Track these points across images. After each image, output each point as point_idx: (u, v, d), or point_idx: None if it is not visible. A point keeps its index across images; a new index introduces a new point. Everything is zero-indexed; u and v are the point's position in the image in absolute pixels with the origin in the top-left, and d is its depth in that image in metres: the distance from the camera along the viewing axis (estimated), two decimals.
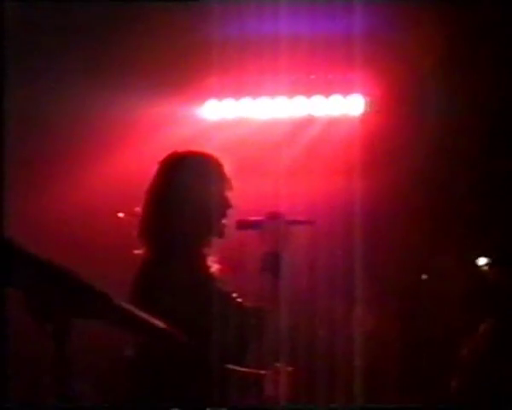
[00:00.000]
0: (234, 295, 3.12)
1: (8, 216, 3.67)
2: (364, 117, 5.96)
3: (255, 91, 6.09)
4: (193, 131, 5.96)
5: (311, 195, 5.90)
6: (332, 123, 6.02)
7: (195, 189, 3.09)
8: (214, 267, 3.14)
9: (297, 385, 3.15)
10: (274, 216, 3.21)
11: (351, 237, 5.83)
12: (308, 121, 6.04)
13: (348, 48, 5.73)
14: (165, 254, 3.05)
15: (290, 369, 3.14)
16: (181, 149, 3.24)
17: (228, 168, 3.20)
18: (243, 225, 3.22)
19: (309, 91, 6.00)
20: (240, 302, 3.11)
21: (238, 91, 6.11)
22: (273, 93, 6.05)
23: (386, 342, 6.05)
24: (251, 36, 5.80)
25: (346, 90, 5.97)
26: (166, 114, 5.96)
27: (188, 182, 3.09)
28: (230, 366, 3.02)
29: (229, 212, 3.16)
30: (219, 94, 6.13)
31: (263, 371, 3.09)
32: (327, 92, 5.99)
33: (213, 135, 6.05)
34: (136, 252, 3.10)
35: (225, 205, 3.16)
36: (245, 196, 5.34)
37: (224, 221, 3.14)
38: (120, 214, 5.30)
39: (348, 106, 5.99)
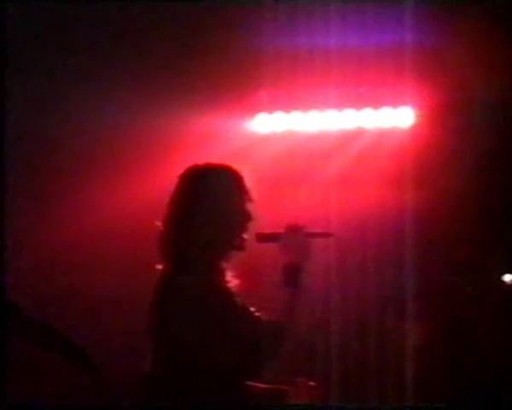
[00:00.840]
0: (252, 309, 3.06)
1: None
2: (414, 129, 5.95)
3: (305, 104, 6.10)
4: (243, 144, 6.00)
5: (361, 206, 5.92)
6: (382, 135, 6.01)
7: (215, 202, 3.05)
8: (233, 282, 3.09)
9: (320, 399, 3.12)
10: (293, 228, 3.13)
11: (401, 247, 5.83)
12: (358, 134, 6.05)
13: (398, 60, 5.75)
14: (183, 268, 3.02)
15: (313, 383, 3.11)
16: (201, 162, 3.17)
17: (248, 180, 3.13)
18: (262, 237, 3.15)
19: (359, 104, 6.01)
20: (258, 317, 3.05)
21: (288, 105, 6.13)
22: (323, 106, 6.06)
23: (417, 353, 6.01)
24: (301, 49, 5.85)
25: (395, 103, 5.96)
26: (217, 127, 6.00)
27: (207, 195, 3.06)
28: (252, 383, 3.00)
29: (250, 225, 3.11)
30: (270, 107, 6.16)
31: (285, 387, 3.08)
32: (377, 105, 5.99)
33: (263, 148, 6.11)
34: (158, 267, 3.08)
35: (246, 218, 3.11)
36: (296, 207, 5.43)
37: (244, 234, 3.11)
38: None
39: (398, 118, 5.98)
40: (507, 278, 6.05)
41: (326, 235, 3.24)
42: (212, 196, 3.07)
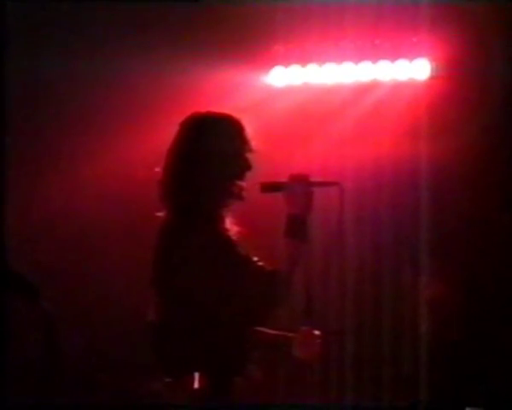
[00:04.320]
0: (255, 258, 3.08)
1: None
2: (430, 82, 5.92)
3: (321, 58, 6.09)
4: (259, 98, 6.02)
5: (377, 159, 5.93)
6: (398, 88, 5.99)
7: (213, 149, 3.07)
8: (234, 230, 3.11)
9: (325, 348, 3.15)
10: (298, 178, 3.13)
11: (416, 200, 5.84)
12: (374, 86, 6.03)
13: (414, 12, 5.71)
14: (183, 215, 3.04)
15: (318, 332, 3.13)
16: (203, 110, 3.21)
17: (249, 130, 3.14)
18: (267, 187, 3.15)
19: (375, 56, 5.98)
20: (262, 266, 3.07)
21: (304, 58, 6.13)
22: (339, 59, 6.05)
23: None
24: (316, 2, 5.83)
25: (412, 55, 5.93)
26: (233, 81, 6.01)
27: (207, 142, 3.07)
28: (257, 328, 3.04)
29: (249, 174, 3.13)
30: (286, 61, 6.16)
31: (291, 334, 3.11)
32: (393, 57, 5.96)
33: (280, 101, 6.12)
34: (158, 214, 3.10)
35: (244, 166, 3.13)
36: (311, 159, 5.44)
37: (242, 183, 3.12)
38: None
39: (414, 71, 5.95)
40: None
41: (332, 184, 3.21)
42: (209, 142, 3.09)
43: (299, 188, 3.11)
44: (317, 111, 6.10)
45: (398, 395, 5.75)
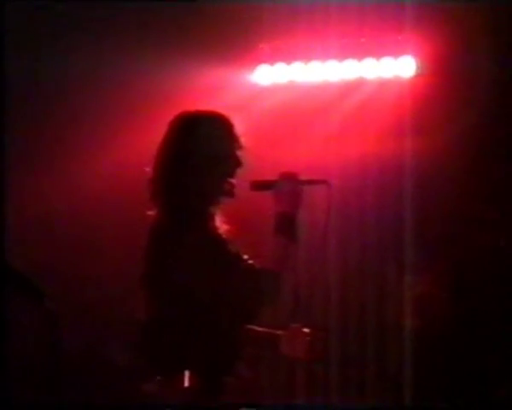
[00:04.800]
0: (245, 256, 3.09)
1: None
2: (416, 79, 5.94)
3: (306, 55, 6.10)
4: (245, 96, 6.01)
5: (362, 157, 5.94)
6: (383, 85, 6.01)
7: (204, 147, 3.08)
8: (223, 228, 3.12)
9: (313, 346, 3.15)
10: (287, 176, 3.15)
11: (399, 197, 5.85)
12: (359, 84, 6.04)
13: (399, 10, 5.73)
14: (173, 213, 3.05)
15: (306, 330, 3.14)
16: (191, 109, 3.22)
17: (239, 128, 3.16)
18: (257, 185, 3.18)
19: (360, 54, 5.99)
20: (251, 264, 3.09)
21: (289, 56, 6.14)
22: (324, 57, 6.06)
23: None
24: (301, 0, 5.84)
25: (397, 53, 5.94)
26: (219, 80, 6.00)
27: (196, 140, 3.08)
28: (247, 326, 3.05)
29: (239, 171, 3.14)
30: (271, 59, 6.16)
31: (279, 332, 3.11)
32: (378, 55, 5.97)
33: (265, 99, 6.12)
34: (149, 213, 3.11)
35: (235, 164, 3.14)
36: (297, 157, 5.44)
37: (232, 180, 3.14)
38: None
39: (399, 68, 5.96)
40: None
41: (321, 182, 3.23)
42: (199, 141, 3.10)
43: (288, 186, 3.13)
44: (302, 109, 6.10)
45: (383, 393, 5.77)
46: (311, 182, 3.21)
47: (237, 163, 3.16)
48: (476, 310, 5.87)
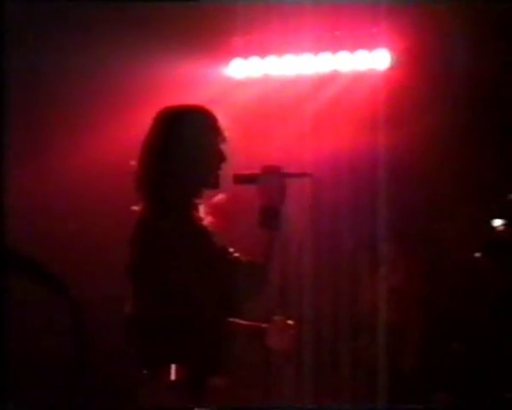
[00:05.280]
0: (230, 249, 3.11)
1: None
2: (390, 72, 5.95)
3: (280, 49, 6.10)
4: (220, 90, 5.99)
5: (337, 149, 5.95)
6: (358, 78, 6.02)
7: (189, 141, 3.09)
8: (207, 219, 3.13)
9: (298, 338, 3.16)
10: (270, 169, 3.17)
11: (374, 190, 5.87)
12: (334, 77, 6.05)
13: (374, 2, 5.74)
14: (159, 208, 3.06)
15: (291, 322, 3.12)
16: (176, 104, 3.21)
17: (222, 121, 3.17)
18: (240, 179, 3.20)
19: (334, 47, 6.00)
20: (237, 257, 3.11)
21: (263, 50, 6.13)
22: (298, 50, 6.06)
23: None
24: None
25: (371, 45, 5.95)
26: (193, 74, 5.98)
27: (181, 135, 3.09)
28: (232, 319, 3.03)
29: (224, 164, 3.15)
30: (245, 53, 6.15)
31: (264, 325, 3.10)
32: (352, 48, 5.98)
33: (240, 93, 6.11)
34: (134, 208, 3.11)
35: (219, 157, 3.15)
36: (273, 150, 5.44)
37: (218, 173, 3.14)
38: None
39: (374, 61, 5.98)
40: (496, 222, 6.07)
41: (303, 175, 3.28)
42: (185, 136, 3.10)
43: (272, 179, 3.15)
44: (277, 103, 6.10)
45: (358, 385, 5.79)
46: (294, 175, 3.24)
47: (222, 157, 3.17)
48: (449, 302, 5.91)
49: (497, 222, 6.02)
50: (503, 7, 5.44)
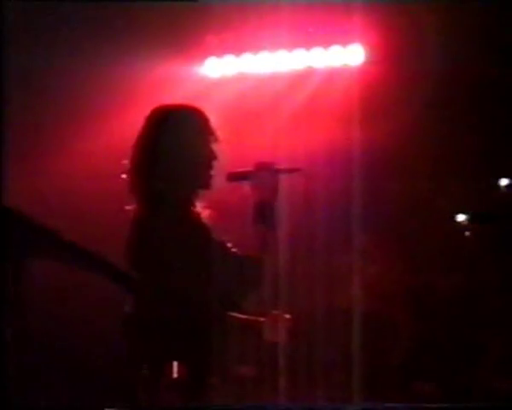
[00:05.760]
0: (229, 244, 3.15)
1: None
2: (364, 67, 5.99)
3: (255, 46, 6.11)
4: (195, 90, 5.99)
5: (312, 146, 5.97)
6: (332, 74, 6.05)
7: (181, 141, 3.13)
8: (204, 214, 3.16)
9: (295, 332, 3.19)
10: (263, 166, 3.22)
11: (350, 186, 5.90)
12: (309, 73, 6.07)
13: None
14: (154, 206, 3.09)
15: (288, 316, 3.18)
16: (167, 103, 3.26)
17: (213, 121, 3.24)
18: (233, 177, 3.24)
19: (308, 43, 6.02)
20: (235, 252, 3.14)
21: (238, 47, 6.14)
22: (273, 47, 6.07)
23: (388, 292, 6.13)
24: None
25: (345, 41, 5.99)
26: (167, 74, 5.98)
27: (173, 135, 3.13)
28: (230, 314, 3.07)
29: (216, 163, 3.20)
30: (219, 51, 6.16)
31: (261, 318, 3.15)
32: (326, 43, 6.01)
33: (215, 92, 6.11)
34: (128, 208, 3.14)
35: (211, 157, 3.19)
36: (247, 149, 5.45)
37: (210, 173, 3.18)
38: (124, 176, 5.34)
39: (348, 56, 6.01)
40: (460, 217, 6.14)
41: (294, 170, 3.33)
42: (176, 135, 3.14)
43: (265, 175, 3.18)
44: (252, 100, 6.11)
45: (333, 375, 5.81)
46: (285, 170, 3.28)
47: (214, 156, 3.20)
48: (427, 290, 5.97)
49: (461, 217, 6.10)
50: (479, 5, 5.50)
